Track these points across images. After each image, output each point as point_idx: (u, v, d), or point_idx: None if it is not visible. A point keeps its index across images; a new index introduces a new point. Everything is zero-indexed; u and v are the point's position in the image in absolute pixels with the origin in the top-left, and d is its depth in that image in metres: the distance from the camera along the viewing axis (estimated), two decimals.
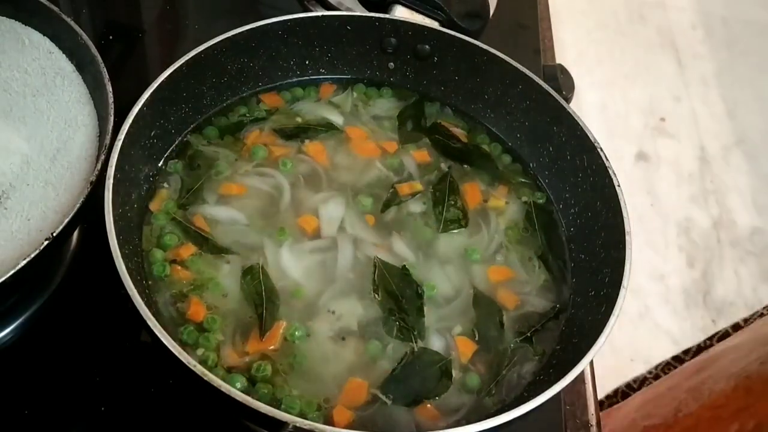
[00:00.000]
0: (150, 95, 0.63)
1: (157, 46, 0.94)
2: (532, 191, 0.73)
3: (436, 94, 0.79)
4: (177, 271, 0.61)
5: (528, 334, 0.62)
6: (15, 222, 0.61)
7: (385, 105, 0.78)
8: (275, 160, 0.70)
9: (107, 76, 0.66)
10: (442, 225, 0.68)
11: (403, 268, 0.64)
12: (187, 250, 0.62)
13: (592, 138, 0.67)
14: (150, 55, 0.93)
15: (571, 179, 0.70)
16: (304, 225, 0.66)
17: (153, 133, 0.66)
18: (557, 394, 0.51)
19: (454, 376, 0.59)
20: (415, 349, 0.59)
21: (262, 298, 0.60)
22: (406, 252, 0.66)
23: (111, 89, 0.65)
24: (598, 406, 0.68)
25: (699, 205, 2.09)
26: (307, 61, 0.77)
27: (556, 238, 0.69)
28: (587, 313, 0.61)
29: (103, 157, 0.60)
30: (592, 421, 0.67)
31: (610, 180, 0.64)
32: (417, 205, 0.69)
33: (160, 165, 0.68)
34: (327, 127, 0.74)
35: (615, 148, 2.10)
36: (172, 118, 0.69)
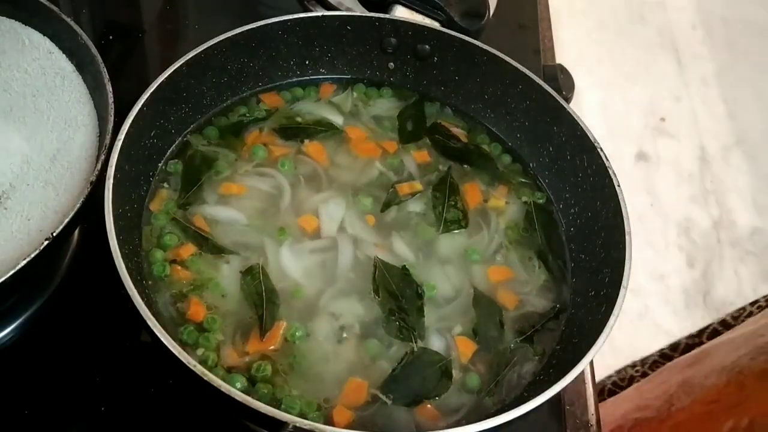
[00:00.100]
0: (150, 95, 0.63)
1: (157, 46, 0.94)
2: (532, 191, 0.73)
3: (436, 94, 0.79)
4: (177, 271, 0.61)
5: (528, 334, 0.62)
6: (15, 222, 0.61)
7: (385, 105, 0.78)
8: (275, 160, 0.70)
9: (107, 76, 0.66)
10: (442, 225, 0.68)
11: (404, 268, 0.64)
12: (187, 250, 0.62)
13: (592, 138, 0.67)
14: (150, 55, 0.93)
15: (571, 179, 0.70)
16: (304, 225, 0.66)
17: (153, 133, 0.66)
18: (557, 394, 0.51)
19: (454, 376, 0.59)
20: (415, 349, 0.59)
21: (262, 298, 0.60)
22: (406, 252, 0.66)
23: (111, 89, 0.65)
24: (598, 405, 0.68)
25: (699, 205, 2.09)
26: (307, 61, 0.77)
27: (556, 238, 0.69)
28: (587, 313, 0.61)
29: (103, 157, 0.60)
30: (592, 421, 0.67)
31: (610, 180, 0.64)
32: (417, 205, 0.69)
33: (160, 165, 0.68)
34: (327, 127, 0.74)
35: (615, 148, 2.09)
36: (172, 118, 0.69)
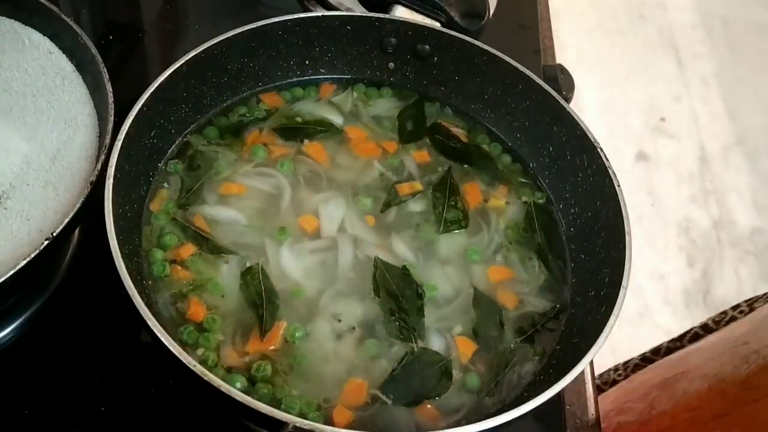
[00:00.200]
0: (150, 95, 0.63)
1: (157, 46, 0.94)
2: (532, 191, 0.72)
3: (436, 94, 0.79)
4: (177, 271, 0.61)
5: (528, 334, 0.62)
6: (15, 222, 0.61)
7: (385, 105, 0.78)
8: (275, 160, 0.70)
9: (107, 76, 0.66)
10: (442, 225, 0.68)
11: (404, 268, 0.64)
12: (187, 250, 0.62)
13: (592, 138, 0.67)
14: (150, 55, 0.93)
15: (571, 179, 0.70)
16: (304, 225, 0.66)
17: (153, 133, 0.66)
18: (557, 394, 0.51)
19: (454, 376, 0.59)
20: (415, 349, 0.59)
21: (262, 298, 0.60)
22: (407, 252, 0.66)
23: (111, 89, 0.65)
24: (598, 405, 0.68)
25: (699, 205, 2.09)
26: (307, 61, 0.77)
27: (556, 238, 0.69)
28: (587, 313, 0.61)
29: (103, 157, 0.60)
30: (592, 421, 0.67)
31: (610, 180, 0.64)
32: (417, 205, 0.69)
33: (160, 165, 0.68)
34: (327, 127, 0.74)
35: (615, 148, 2.10)
36: (172, 118, 0.69)
